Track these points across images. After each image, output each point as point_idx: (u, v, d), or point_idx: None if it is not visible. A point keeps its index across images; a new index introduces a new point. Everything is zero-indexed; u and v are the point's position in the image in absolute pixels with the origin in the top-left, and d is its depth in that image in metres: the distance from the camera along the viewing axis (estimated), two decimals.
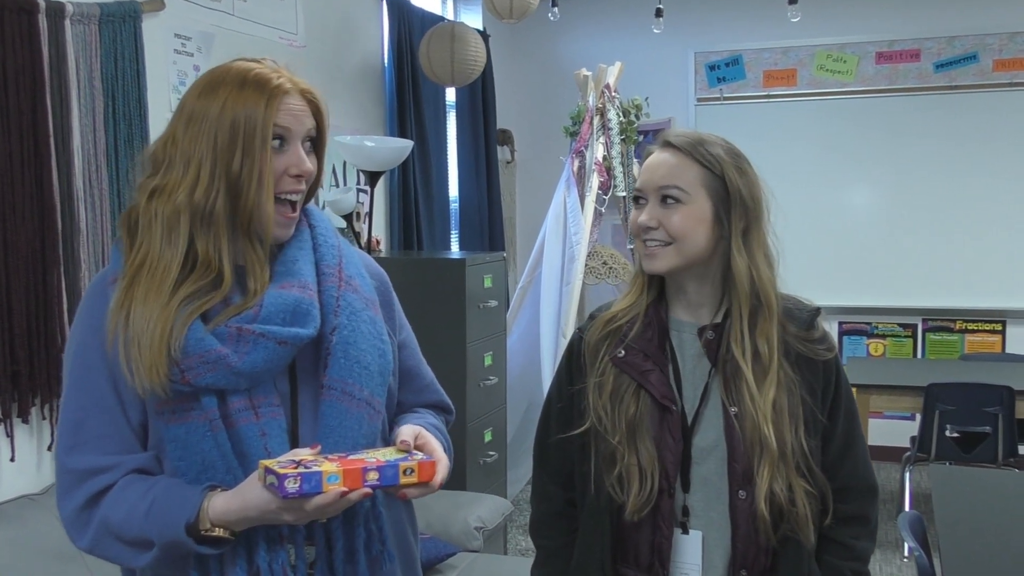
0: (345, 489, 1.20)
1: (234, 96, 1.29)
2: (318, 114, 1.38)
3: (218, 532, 1.25)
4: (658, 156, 1.52)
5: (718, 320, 1.53)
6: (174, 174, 1.30)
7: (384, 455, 1.28)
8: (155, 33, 3.07)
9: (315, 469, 1.19)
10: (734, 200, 1.49)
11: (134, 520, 1.26)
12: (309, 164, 1.35)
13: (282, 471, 1.18)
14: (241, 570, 1.30)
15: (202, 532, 1.25)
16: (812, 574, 1.52)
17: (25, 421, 2.58)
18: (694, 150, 1.49)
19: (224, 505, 1.25)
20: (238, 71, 1.32)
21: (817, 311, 1.58)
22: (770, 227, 1.56)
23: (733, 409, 1.48)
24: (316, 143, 1.39)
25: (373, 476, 1.23)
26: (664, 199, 1.48)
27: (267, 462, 1.22)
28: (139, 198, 1.32)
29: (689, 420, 1.51)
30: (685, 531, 1.51)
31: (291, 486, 1.17)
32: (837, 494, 1.54)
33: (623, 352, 1.53)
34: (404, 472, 1.26)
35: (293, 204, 1.35)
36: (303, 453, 1.25)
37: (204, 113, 1.29)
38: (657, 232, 1.48)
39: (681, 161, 1.49)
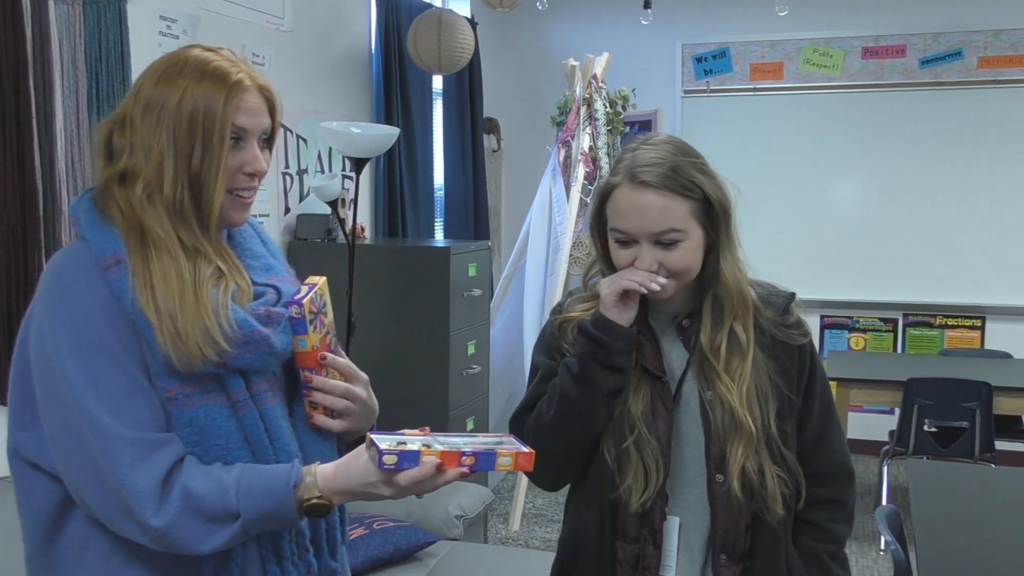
0: (440, 462, 1.22)
1: (193, 87, 1.28)
2: (273, 111, 1.37)
3: (325, 501, 1.25)
4: (639, 198, 1.45)
5: (693, 309, 1.55)
6: (136, 162, 1.28)
7: (484, 442, 1.31)
8: (140, 15, 3.04)
9: (414, 448, 1.22)
10: (719, 215, 1.49)
11: (220, 489, 1.22)
12: (264, 163, 1.34)
13: (385, 447, 1.21)
14: (252, 550, 1.30)
15: (306, 500, 1.25)
16: (789, 556, 1.54)
17: (4, 403, 2.57)
18: (675, 184, 1.45)
19: (332, 473, 1.26)
20: (197, 61, 1.30)
21: (791, 296, 1.59)
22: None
23: (708, 394, 1.51)
24: (269, 139, 1.38)
25: (469, 460, 1.25)
26: (660, 242, 1.46)
27: (373, 435, 1.24)
28: (106, 181, 1.30)
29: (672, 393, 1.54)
30: (663, 516, 1.53)
31: (389, 461, 1.20)
32: (814, 479, 1.57)
33: None
34: (500, 459, 1.27)
35: (245, 196, 1.36)
36: (409, 432, 1.27)
37: (162, 102, 1.28)
38: (660, 271, 1.47)
39: (667, 201, 1.45)
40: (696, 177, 1.47)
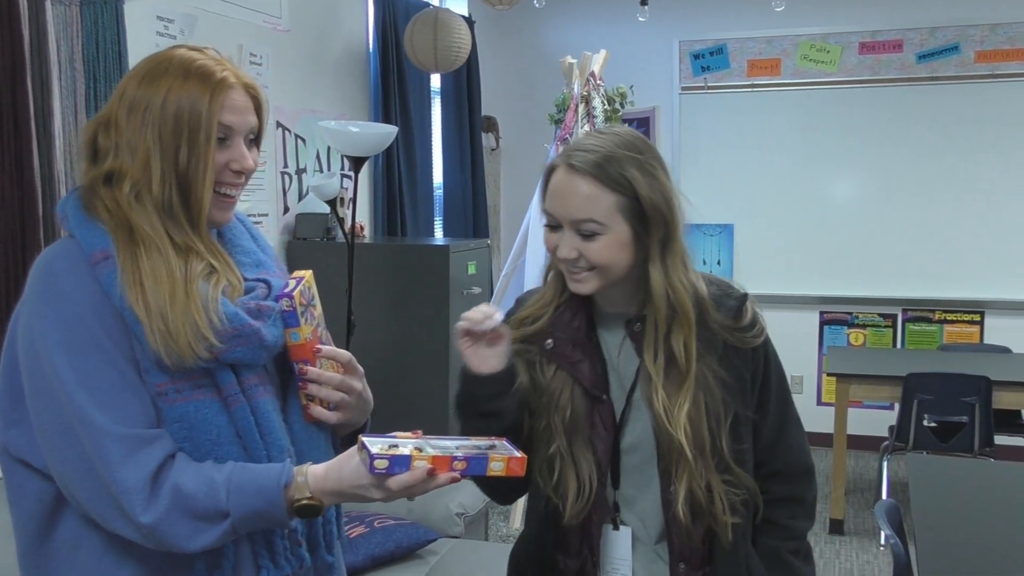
0: (432, 467, 1.22)
1: (177, 87, 1.27)
2: (259, 109, 1.37)
3: (316, 501, 1.25)
4: (566, 182, 1.42)
5: (646, 312, 1.48)
6: (122, 162, 1.28)
7: (476, 446, 1.31)
8: (137, 15, 3.04)
9: (405, 452, 1.22)
10: (651, 217, 1.42)
11: (210, 488, 1.21)
12: (251, 161, 1.34)
13: (376, 451, 1.20)
14: (244, 546, 1.30)
15: (296, 501, 1.24)
16: (749, 559, 1.52)
17: None
18: (603, 175, 1.40)
19: (323, 473, 1.25)
20: (181, 60, 1.30)
21: (744, 297, 1.52)
22: (684, 225, 1.48)
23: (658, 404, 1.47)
24: (256, 137, 1.38)
25: (460, 465, 1.25)
26: (581, 231, 1.42)
27: (365, 438, 1.24)
28: (92, 181, 1.30)
29: (617, 414, 1.49)
30: (615, 526, 1.51)
31: (380, 465, 1.20)
32: (772, 477, 1.55)
33: (551, 343, 1.50)
34: (492, 464, 1.27)
35: (231, 195, 1.35)
36: (401, 435, 1.27)
37: (147, 102, 1.28)
38: (579, 261, 1.43)
39: (592, 190, 1.40)
40: (630, 172, 1.40)
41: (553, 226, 1.45)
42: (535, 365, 1.51)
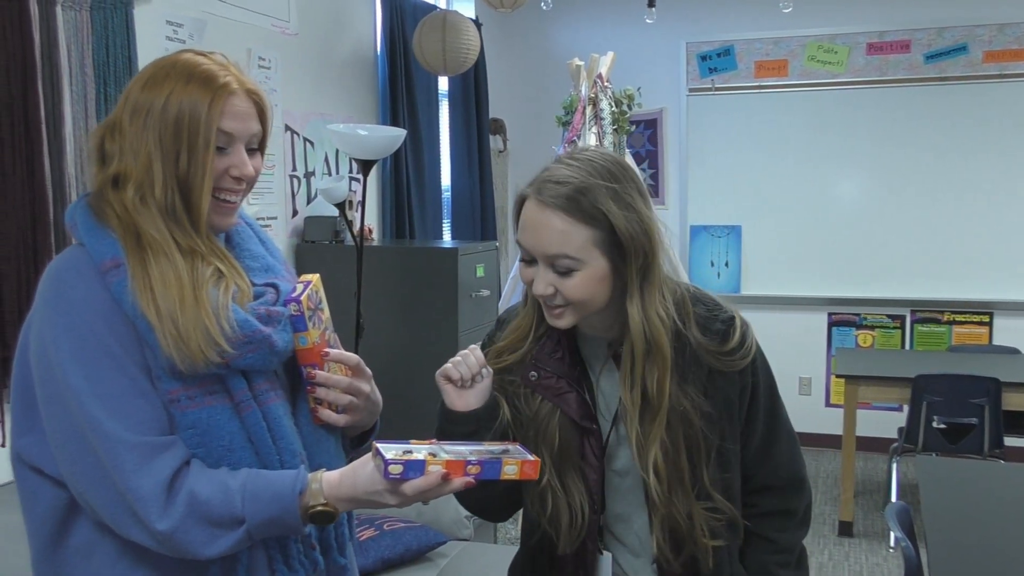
0: (446, 472, 1.23)
1: (179, 91, 1.27)
2: (263, 116, 1.36)
3: (330, 508, 1.25)
4: (538, 217, 1.36)
5: (624, 335, 1.44)
6: (126, 165, 1.28)
7: (489, 451, 1.31)
8: (147, 20, 3.06)
9: (419, 457, 1.22)
10: (628, 248, 1.35)
11: (225, 495, 1.22)
12: (251, 168, 1.34)
13: (390, 456, 1.21)
14: (258, 551, 1.30)
15: (311, 507, 1.25)
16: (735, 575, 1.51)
17: None
18: (576, 209, 1.33)
19: (337, 480, 1.26)
20: (184, 65, 1.30)
21: (731, 320, 1.46)
22: (667, 252, 1.43)
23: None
24: (260, 143, 1.38)
25: (474, 469, 1.25)
26: (555, 267, 1.36)
27: (379, 444, 1.24)
28: (100, 186, 1.30)
29: (605, 437, 1.48)
30: (599, 551, 1.51)
31: (394, 470, 1.21)
32: (760, 491, 1.54)
33: (536, 375, 1.47)
34: (506, 468, 1.28)
35: (231, 201, 1.35)
36: (416, 443, 1.28)
37: (149, 106, 1.27)
38: (555, 297, 1.38)
39: (565, 225, 1.33)
40: (605, 204, 1.33)
41: (528, 260, 1.40)
42: (519, 396, 1.48)
